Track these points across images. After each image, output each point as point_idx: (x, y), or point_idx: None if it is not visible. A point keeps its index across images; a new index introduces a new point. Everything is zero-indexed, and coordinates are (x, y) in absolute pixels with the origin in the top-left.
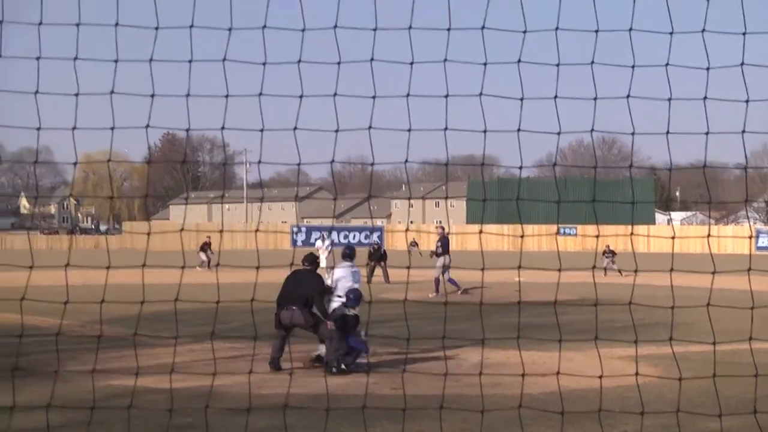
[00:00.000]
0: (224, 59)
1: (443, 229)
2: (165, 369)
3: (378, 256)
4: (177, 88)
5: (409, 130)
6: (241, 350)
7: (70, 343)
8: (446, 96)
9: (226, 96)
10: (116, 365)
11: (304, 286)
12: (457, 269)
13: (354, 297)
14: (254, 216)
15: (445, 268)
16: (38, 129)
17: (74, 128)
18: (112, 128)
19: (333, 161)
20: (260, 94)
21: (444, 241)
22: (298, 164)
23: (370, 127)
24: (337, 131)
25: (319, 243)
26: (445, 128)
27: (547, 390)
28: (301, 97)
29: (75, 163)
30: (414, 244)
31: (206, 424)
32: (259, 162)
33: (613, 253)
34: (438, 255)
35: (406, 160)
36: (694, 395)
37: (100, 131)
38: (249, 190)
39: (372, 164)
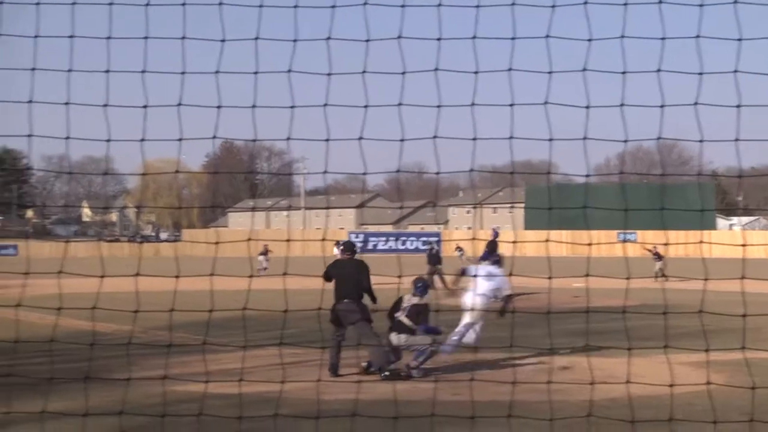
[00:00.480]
0: (289, 70)
1: (496, 233)
2: (228, 375)
3: (435, 259)
4: (239, 98)
5: (474, 139)
6: (302, 356)
7: (133, 349)
8: (511, 105)
9: (292, 107)
10: (180, 371)
11: (357, 276)
12: (516, 276)
13: (422, 285)
14: (312, 222)
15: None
16: (108, 141)
17: (142, 140)
18: (180, 139)
19: (399, 170)
20: (325, 105)
21: (494, 246)
22: (364, 173)
23: (435, 137)
24: (402, 140)
25: (335, 250)
26: (510, 137)
27: (610, 396)
28: (366, 107)
29: (143, 174)
30: (459, 249)
31: (275, 430)
32: (325, 172)
33: (660, 257)
34: (480, 260)
35: (471, 169)
36: (763, 402)
37: (155, 138)
38: (306, 197)
39: (438, 173)
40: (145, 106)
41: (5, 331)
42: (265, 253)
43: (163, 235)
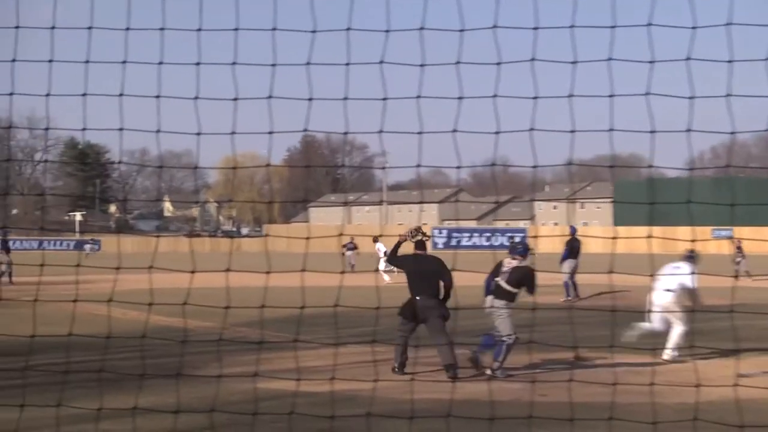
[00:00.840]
0: (381, 61)
1: (574, 230)
2: (318, 372)
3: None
4: (328, 91)
5: (572, 131)
6: (385, 354)
7: (223, 346)
8: (611, 96)
9: (384, 99)
10: (270, 368)
11: (436, 271)
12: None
13: (522, 247)
14: (393, 218)
15: (573, 271)
16: (198, 134)
17: (233, 133)
18: (270, 132)
19: (494, 164)
20: (418, 96)
21: (574, 244)
22: (458, 167)
23: (531, 129)
24: (497, 133)
25: (379, 245)
26: (611, 129)
27: (709, 399)
28: (460, 98)
29: (234, 168)
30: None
31: (368, 429)
32: (419, 165)
33: (742, 253)
34: (565, 259)
35: (570, 162)
36: None
37: (236, 131)
38: (388, 192)
39: (534, 166)
40: (235, 99)
41: (93, 327)
42: (353, 248)
43: (244, 231)
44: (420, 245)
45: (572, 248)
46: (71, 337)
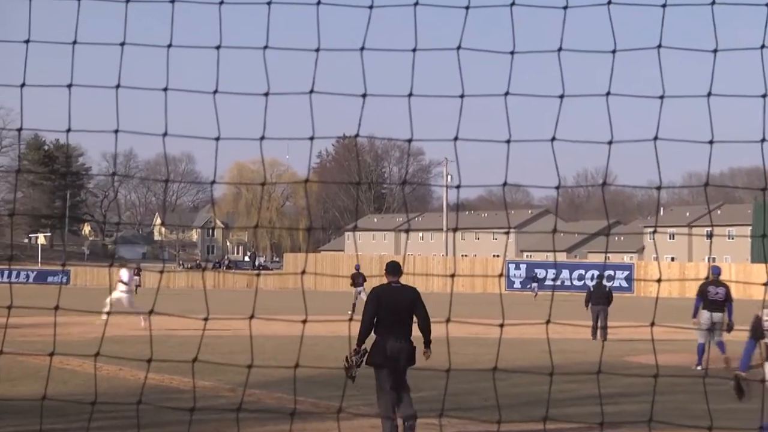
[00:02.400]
0: (459, 47)
1: (718, 271)
2: None
3: (604, 298)
4: (376, 84)
5: (710, 142)
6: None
7: (222, 413)
8: (764, 95)
9: (461, 96)
10: None
11: (412, 307)
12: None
13: None
14: (458, 247)
15: (714, 328)
16: (217, 139)
17: (262, 137)
18: (312, 138)
19: (604, 183)
20: (506, 93)
21: (721, 290)
22: (557, 187)
23: (656, 138)
24: (610, 143)
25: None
26: (763, 140)
27: None
28: (561, 96)
29: (263, 184)
30: (532, 280)
31: None
32: (505, 184)
33: None
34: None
35: (707, 184)
36: None
37: (249, 133)
38: (450, 213)
39: (659, 188)
40: (266, 93)
41: (63, 385)
42: (362, 283)
43: (260, 260)
44: (394, 270)
45: (726, 296)
46: (45, 401)
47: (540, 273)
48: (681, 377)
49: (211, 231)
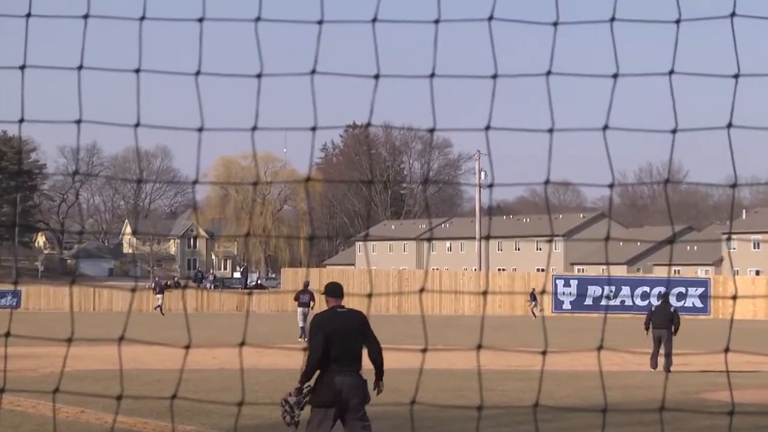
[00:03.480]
0: (491, 17)
1: None
2: None
3: (668, 320)
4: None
5: None
6: None
7: None
8: None
9: (494, 77)
10: None
11: (360, 335)
12: None
13: None
14: (493, 260)
15: None
16: (200, 130)
17: (254, 129)
18: (314, 128)
19: (668, 181)
20: (548, 72)
21: None
22: (611, 185)
23: (729, 125)
24: (675, 132)
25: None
26: None
27: None
28: (616, 76)
29: (255, 183)
30: (533, 297)
31: None
32: (547, 182)
33: None
34: None
35: None
36: None
37: (239, 122)
38: (484, 218)
39: (734, 185)
40: (259, 75)
41: (3, 431)
42: (307, 301)
43: (252, 277)
44: (336, 292)
45: None
46: None
47: (595, 291)
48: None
49: (192, 241)
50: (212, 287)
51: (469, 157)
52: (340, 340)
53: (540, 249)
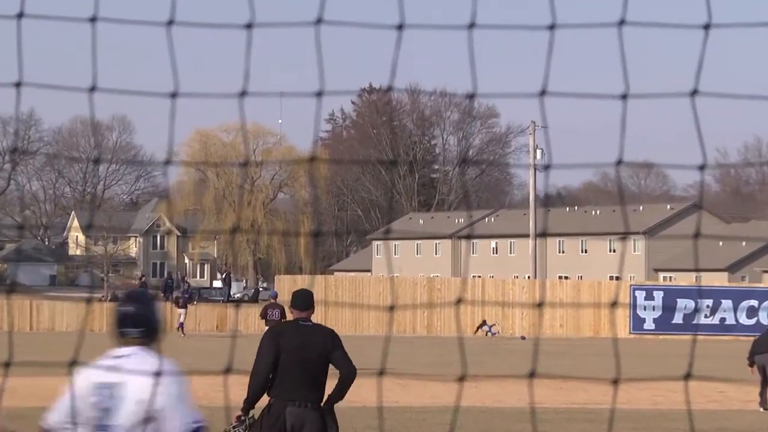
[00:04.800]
0: None
1: None
2: None
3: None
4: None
5: None
6: None
7: None
8: None
9: (552, 26)
10: None
11: (325, 355)
12: None
13: None
14: (553, 262)
15: None
16: (173, 96)
17: (243, 94)
18: (319, 93)
19: None
20: (621, 21)
21: None
22: (702, 167)
23: None
24: None
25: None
26: None
27: None
28: (707, 27)
29: (244, 165)
30: (484, 325)
31: None
32: (620, 163)
33: None
34: None
35: None
36: None
37: (221, 86)
38: (541, 209)
39: None
40: (249, 25)
41: None
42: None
43: (237, 287)
44: (302, 303)
45: None
46: None
47: (686, 305)
48: None
49: (160, 240)
50: (185, 300)
51: (520, 130)
52: (297, 361)
53: (614, 250)
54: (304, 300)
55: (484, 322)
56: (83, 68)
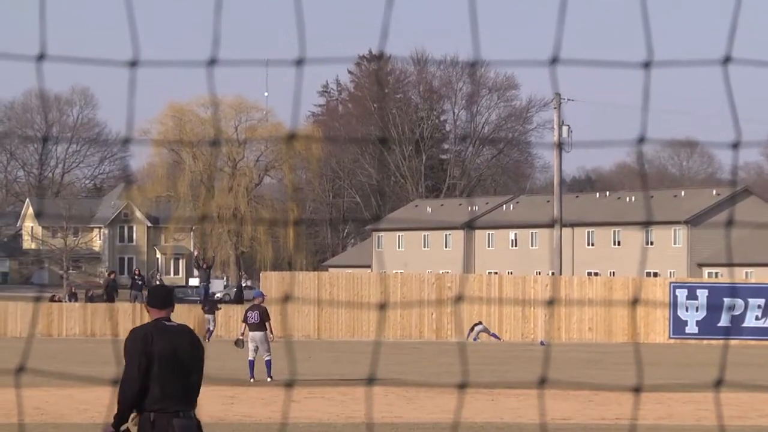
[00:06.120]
0: None
1: None
2: None
3: None
4: None
5: None
6: None
7: None
8: None
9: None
10: None
11: (194, 354)
12: None
13: None
14: (581, 256)
15: None
16: (133, 65)
17: (212, 63)
18: (298, 61)
19: None
20: None
21: None
22: (735, 145)
23: None
24: None
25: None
26: None
27: None
28: None
29: (214, 144)
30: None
31: None
32: (642, 141)
33: None
34: None
35: None
36: None
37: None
38: (567, 196)
39: None
40: None
41: None
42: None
43: (218, 285)
44: (163, 300)
45: None
46: None
47: (734, 305)
48: None
49: (127, 232)
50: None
51: (543, 103)
52: (174, 368)
53: (651, 243)
54: (165, 297)
55: (478, 323)
56: (33, 32)
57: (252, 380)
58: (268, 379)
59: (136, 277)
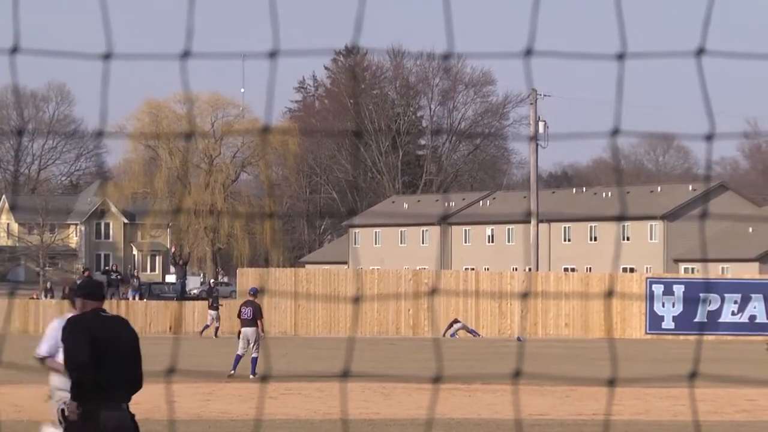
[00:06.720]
0: None
1: None
2: None
3: None
4: None
5: None
6: None
7: None
8: None
9: None
10: None
11: (134, 346)
12: None
13: None
14: (558, 253)
15: None
16: (107, 57)
17: (185, 55)
18: (275, 54)
19: None
20: None
21: None
22: (709, 137)
23: None
24: None
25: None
26: None
27: None
28: None
29: (189, 135)
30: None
31: None
32: (616, 132)
33: None
34: None
35: None
36: None
37: (171, 46)
38: (543, 191)
39: None
40: None
41: None
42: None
43: (194, 282)
44: (95, 291)
45: None
46: None
47: (710, 300)
48: None
49: (104, 228)
50: (135, 296)
51: (520, 99)
52: (113, 357)
53: (628, 238)
54: (99, 288)
55: (456, 321)
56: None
57: (232, 372)
58: (251, 376)
59: (113, 272)
